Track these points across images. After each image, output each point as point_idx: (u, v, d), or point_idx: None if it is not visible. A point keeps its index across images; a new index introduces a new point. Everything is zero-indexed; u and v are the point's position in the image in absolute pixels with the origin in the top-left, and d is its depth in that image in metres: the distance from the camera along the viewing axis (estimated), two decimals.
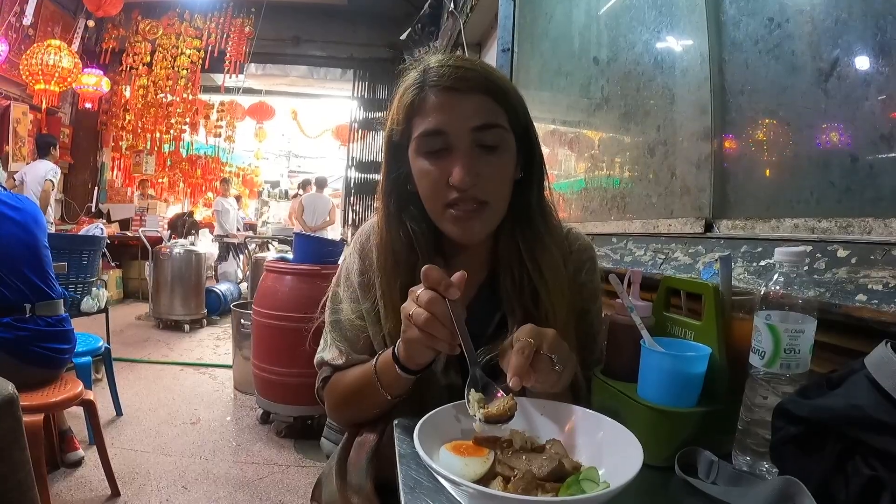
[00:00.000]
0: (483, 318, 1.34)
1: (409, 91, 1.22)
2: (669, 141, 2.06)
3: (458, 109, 1.17)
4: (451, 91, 1.17)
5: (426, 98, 1.19)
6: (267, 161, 18.22)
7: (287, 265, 4.29)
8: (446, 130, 1.17)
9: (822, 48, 1.42)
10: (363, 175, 9.91)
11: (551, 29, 3.46)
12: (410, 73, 1.25)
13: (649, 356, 1.05)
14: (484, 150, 1.18)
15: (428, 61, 1.24)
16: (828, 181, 1.40)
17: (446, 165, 1.17)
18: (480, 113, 1.18)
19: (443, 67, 1.19)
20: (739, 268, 1.45)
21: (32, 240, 2.98)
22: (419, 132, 1.19)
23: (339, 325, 1.39)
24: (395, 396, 1.23)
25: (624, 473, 0.77)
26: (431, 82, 1.19)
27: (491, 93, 1.19)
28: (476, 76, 1.19)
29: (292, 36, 9.83)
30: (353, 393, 1.34)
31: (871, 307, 1.07)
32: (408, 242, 1.27)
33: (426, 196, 1.23)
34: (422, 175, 1.21)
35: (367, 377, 1.24)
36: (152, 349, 6.51)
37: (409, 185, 1.27)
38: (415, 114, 1.20)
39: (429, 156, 1.19)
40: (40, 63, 7.60)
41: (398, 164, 1.27)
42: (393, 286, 1.26)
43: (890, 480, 0.72)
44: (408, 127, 1.22)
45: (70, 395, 2.95)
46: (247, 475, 3.61)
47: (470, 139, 1.17)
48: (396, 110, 1.24)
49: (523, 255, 1.28)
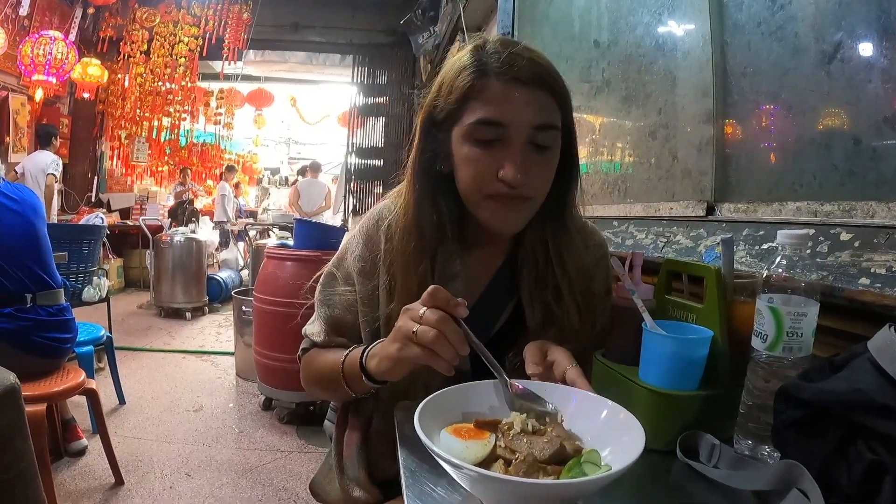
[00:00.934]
0: (495, 307, 1.34)
1: (467, 72, 1.15)
2: (671, 124, 2.05)
3: (521, 102, 1.12)
4: (517, 82, 1.12)
5: (488, 83, 1.13)
6: (266, 148, 18.20)
7: (288, 251, 4.29)
8: (506, 123, 1.12)
9: (825, 30, 1.41)
10: (363, 161, 9.87)
11: (552, 12, 3.44)
12: (464, 53, 1.19)
13: (651, 339, 1.05)
14: (536, 149, 1.14)
15: (485, 42, 1.19)
16: (830, 164, 1.40)
17: (497, 157, 1.13)
18: (543, 112, 1.14)
19: (512, 55, 1.13)
20: (741, 251, 1.44)
21: (32, 230, 2.97)
22: (476, 118, 1.13)
23: (328, 304, 1.38)
24: (360, 395, 1.25)
25: (626, 457, 0.76)
26: (496, 68, 1.13)
27: (553, 91, 1.16)
28: (543, 71, 1.15)
29: (291, 22, 9.76)
30: (321, 380, 1.36)
31: (874, 291, 1.07)
32: (437, 223, 1.24)
33: (467, 183, 1.18)
34: (468, 161, 1.16)
35: (334, 372, 1.24)
36: (154, 337, 6.53)
37: (441, 166, 1.23)
38: (472, 97, 1.14)
39: (480, 143, 1.14)
40: (37, 53, 7.58)
41: (435, 143, 1.22)
42: (413, 269, 1.24)
43: (893, 465, 0.72)
44: (459, 108, 1.16)
45: (72, 385, 2.95)
46: (250, 461, 3.63)
47: (527, 136, 1.13)
48: (448, 89, 1.18)
49: (550, 252, 1.27)
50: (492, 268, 1.35)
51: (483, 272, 1.34)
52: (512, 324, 1.33)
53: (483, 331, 1.31)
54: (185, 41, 9.94)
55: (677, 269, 1.23)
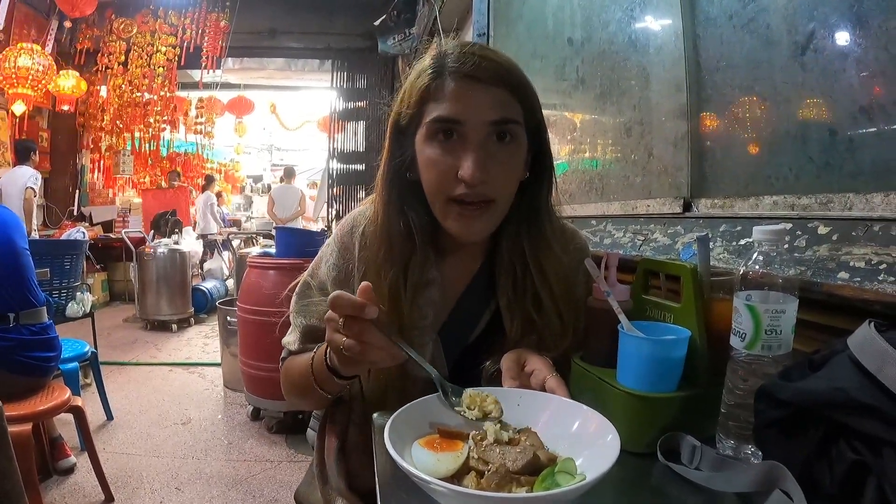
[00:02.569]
0: (473, 312, 1.33)
1: (425, 74, 1.16)
2: (646, 120, 2.04)
3: (476, 100, 1.12)
4: (471, 79, 1.12)
5: (443, 83, 1.14)
6: (249, 155, 18.16)
7: (270, 260, 4.28)
8: (462, 120, 1.12)
9: (798, 21, 1.40)
10: (345, 166, 9.86)
11: (525, 11, 3.44)
12: (425, 57, 1.20)
13: (627, 341, 1.03)
14: (496, 146, 1.14)
15: (445, 46, 1.19)
16: (806, 156, 1.38)
17: (456, 156, 1.12)
18: (499, 107, 1.13)
19: (465, 54, 1.14)
20: (719, 247, 1.43)
21: (11, 248, 2.94)
22: (432, 117, 1.14)
23: (304, 314, 1.37)
24: (335, 394, 1.23)
25: (601, 464, 0.75)
26: (451, 68, 1.14)
27: (511, 86, 1.14)
28: (498, 67, 1.14)
29: (268, 28, 9.74)
30: (296, 386, 1.34)
31: (853, 285, 1.06)
32: (406, 232, 1.23)
33: (430, 186, 1.18)
34: (428, 163, 1.16)
35: (305, 374, 1.23)
36: (140, 351, 6.48)
37: (409, 173, 1.22)
38: (429, 98, 1.15)
39: (439, 144, 1.14)
40: (14, 66, 7.52)
41: (402, 149, 1.22)
42: (384, 276, 1.23)
43: (875, 464, 0.70)
44: (419, 112, 1.16)
45: (58, 403, 2.93)
46: (239, 473, 3.62)
47: (485, 132, 1.12)
48: (408, 93, 1.18)
49: (527, 258, 1.25)
50: (468, 274, 1.33)
51: (459, 278, 1.33)
52: (491, 331, 1.31)
53: (461, 337, 1.31)
54: (162, 51, 9.91)
55: (654, 268, 1.22)
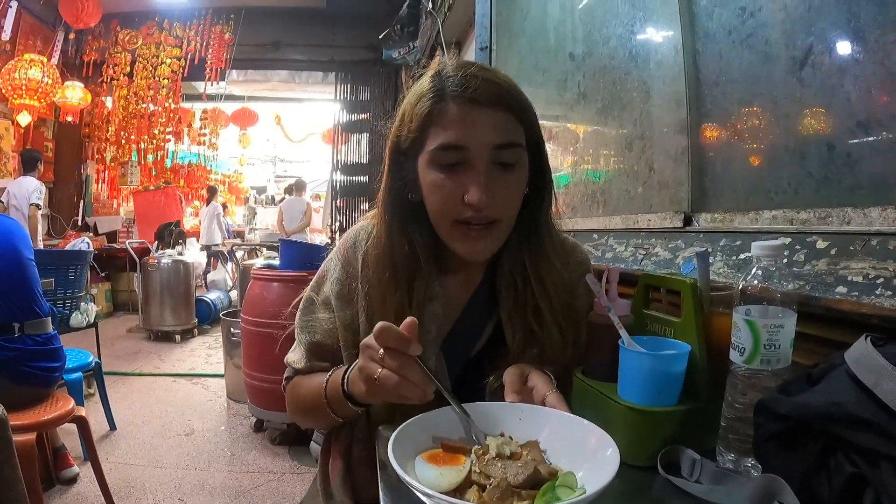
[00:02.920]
0: (475, 326, 1.33)
1: (426, 99, 1.15)
2: (646, 135, 2.06)
3: (479, 124, 1.12)
4: (474, 104, 1.12)
5: (446, 108, 1.13)
6: (253, 167, 18.18)
7: (273, 272, 4.29)
8: (466, 145, 1.11)
9: (796, 36, 1.41)
10: (348, 178, 9.88)
11: (527, 26, 3.46)
12: (424, 79, 1.19)
13: (628, 356, 1.04)
14: (500, 169, 1.14)
15: (443, 66, 1.18)
16: (805, 171, 1.39)
17: (461, 181, 1.12)
18: (502, 131, 1.13)
19: (466, 77, 1.13)
20: (719, 261, 1.44)
21: (16, 258, 2.95)
22: (437, 145, 1.13)
23: (308, 330, 1.37)
24: (346, 419, 1.24)
25: (601, 478, 0.76)
26: (452, 92, 1.13)
27: (513, 109, 1.15)
28: (499, 90, 1.14)
29: (272, 41, 9.78)
30: (305, 407, 1.35)
31: (851, 299, 1.07)
32: (409, 253, 1.24)
33: (436, 210, 1.18)
34: (434, 188, 1.16)
35: (318, 397, 1.23)
36: (144, 361, 6.48)
37: (411, 195, 1.22)
38: (432, 123, 1.14)
39: (443, 169, 1.14)
40: (21, 78, 7.56)
41: (403, 172, 1.21)
42: (389, 298, 1.23)
43: (872, 477, 0.71)
44: (422, 136, 1.16)
45: (61, 413, 2.92)
46: (242, 484, 3.61)
47: (489, 156, 1.12)
48: (409, 118, 1.17)
49: (528, 273, 1.26)
50: (470, 288, 1.34)
51: (462, 293, 1.33)
52: (492, 344, 1.32)
53: (463, 351, 1.31)
54: (167, 62, 9.94)
55: (654, 282, 1.23)
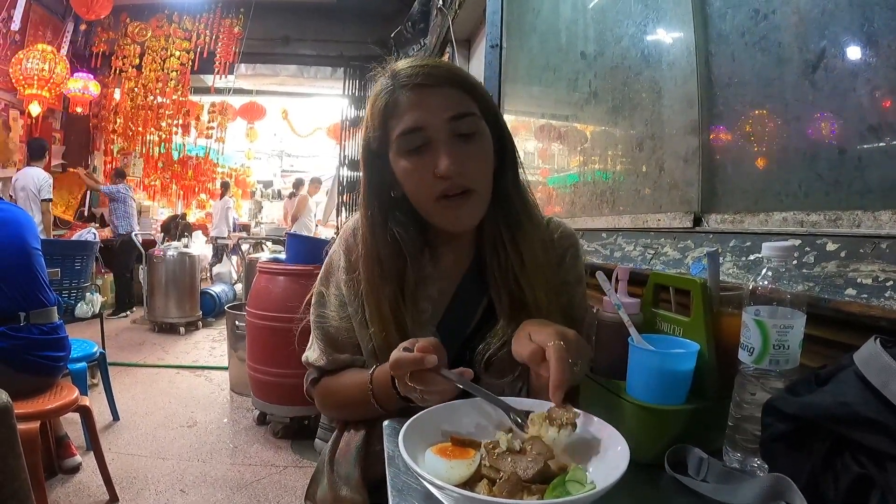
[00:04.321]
0: (469, 303, 1.36)
1: (381, 95, 1.24)
2: (657, 135, 2.05)
3: (431, 103, 1.20)
4: (422, 87, 1.20)
5: (398, 99, 1.21)
6: (259, 161, 18.18)
7: (280, 266, 4.29)
8: (423, 125, 1.19)
9: (809, 39, 1.41)
10: (355, 173, 9.87)
11: (539, 24, 3.45)
12: (380, 80, 1.28)
13: (637, 354, 1.05)
14: (462, 140, 1.20)
15: (395, 66, 1.27)
16: (816, 174, 1.39)
17: (429, 160, 1.19)
18: (453, 103, 1.20)
19: (413, 67, 1.23)
20: (729, 262, 1.44)
21: (24, 247, 2.96)
22: (397, 132, 1.21)
23: (322, 324, 1.40)
24: (392, 411, 1.24)
25: (611, 474, 0.76)
26: (403, 82, 1.21)
27: (459, 84, 1.23)
28: (442, 71, 1.23)
29: (282, 35, 9.80)
30: (347, 404, 1.38)
31: (861, 302, 1.07)
32: (395, 248, 1.29)
33: (414, 193, 1.24)
34: (406, 174, 1.22)
35: (362, 392, 1.26)
36: (148, 353, 6.50)
37: (392, 191, 1.29)
38: (390, 116, 1.22)
39: (410, 154, 1.21)
40: (31, 68, 7.58)
41: (378, 171, 1.28)
42: (380, 295, 1.27)
43: (879, 478, 0.72)
44: (384, 131, 1.24)
45: (66, 402, 2.94)
46: (244, 477, 3.62)
47: (447, 130, 1.19)
48: (371, 117, 1.26)
49: (504, 239, 1.30)
50: (462, 267, 1.38)
51: (454, 272, 1.37)
52: (487, 319, 1.34)
53: (459, 329, 1.34)
54: (176, 55, 9.97)
55: (664, 282, 1.23)
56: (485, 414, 1.01)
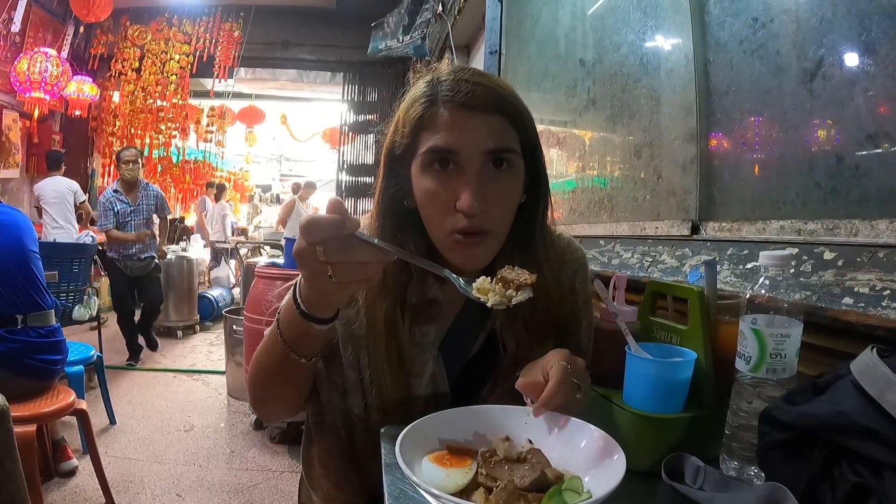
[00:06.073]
0: (471, 328, 1.30)
1: (419, 104, 1.12)
2: (655, 142, 2.06)
3: (471, 129, 1.09)
4: (466, 108, 1.09)
5: (437, 113, 1.10)
6: (258, 165, 18.17)
7: (277, 270, 4.28)
8: (457, 150, 1.08)
9: (807, 48, 1.42)
10: (354, 178, 9.89)
11: (538, 31, 3.46)
12: (419, 84, 1.16)
13: (634, 362, 1.05)
14: (493, 175, 1.10)
15: (439, 72, 1.16)
16: (813, 182, 1.40)
17: (454, 187, 1.09)
18: (495, 135, 1.09)
19: (458, 81, 1.10)
20: (726, 270, 1.44)
21: (21, 250, 2.96)
22: (427, 147, 1.10)
23: None
24: (307, 357, 1.12)
25: (607, 483, 0.76)
26: (444, 96, 1.10)
27: (506, 114, 1.11)
28: (492, 94, 1.11)
29: (281, 40, 9.79)
30: (262, 369, 1.22)
31: (858, 310, 1.07)
32: (401, 261, 1.17)
33: (429, 218, 1.15)
34: (426, 194, 1.13)
35: (272, 342, 1.13)
36: (145, 356, 6.47)
37: (406, 202, 1.19)
38: (424, 128, 1.11)
39: (435, 174, 1.11)
40: (30, 71, 7.57)
41: (397, 179, 1.19)
42: (379, 305, 1.21)
43: (876, 487, 0.72)
44: (414, 141, 1.13)
45: (62, 405, 2.94)
46: (241, 482, 3.62)
47: (481, 162, 1.09)
48: (402, 122, 1.15)
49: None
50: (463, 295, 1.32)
51: (458, 296, 1.29)
52: (491, 346, 1.29)
53: (461, 353, 1.29)
54: (176, 59, 9.94)
55: (661, 290, 1.24)
56: (482, 422, 1.00)
